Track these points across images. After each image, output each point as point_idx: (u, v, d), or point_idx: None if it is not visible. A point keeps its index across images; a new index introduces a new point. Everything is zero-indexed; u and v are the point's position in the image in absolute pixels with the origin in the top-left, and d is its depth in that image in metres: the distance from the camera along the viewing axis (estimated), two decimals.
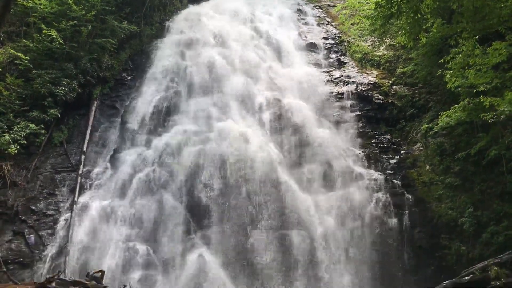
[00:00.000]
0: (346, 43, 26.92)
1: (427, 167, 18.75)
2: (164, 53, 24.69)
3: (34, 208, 17.55)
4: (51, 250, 16.63)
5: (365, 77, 23.51)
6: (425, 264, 16.55)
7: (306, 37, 27.44)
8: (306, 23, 29.23)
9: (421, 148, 19.67)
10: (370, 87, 22.68)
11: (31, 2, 21.04)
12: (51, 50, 20.57)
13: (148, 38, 25.66)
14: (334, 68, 24.95)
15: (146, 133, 20.73)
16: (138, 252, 16.59)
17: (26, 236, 16.82)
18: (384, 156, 20.08)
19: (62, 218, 17.49)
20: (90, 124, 20.79)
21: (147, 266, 16.38)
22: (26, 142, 18.30)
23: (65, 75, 20.20)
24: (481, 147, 16.20)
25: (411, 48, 20.65)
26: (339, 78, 23.89)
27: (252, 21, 27.96)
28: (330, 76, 24.16)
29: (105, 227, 17.25)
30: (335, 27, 28.90)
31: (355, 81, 23.20)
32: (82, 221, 17.37)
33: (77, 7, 21.30)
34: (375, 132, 21.13)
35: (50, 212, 17.66)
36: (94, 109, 21.42)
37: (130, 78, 23.66)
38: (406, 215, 17.69)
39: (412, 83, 22.09)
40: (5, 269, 14.60)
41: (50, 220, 17.45)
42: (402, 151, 20.07)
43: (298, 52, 26.05)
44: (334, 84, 23.52)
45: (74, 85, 20.28)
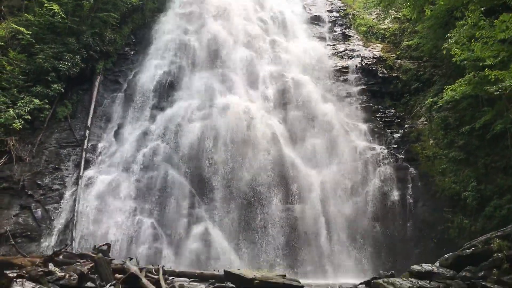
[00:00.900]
0: (350, 16, 26.62)
1: (431, 141, 18.74)
2: (166, 27, 24.51)
3: (40, 182, 17.73)
4: (58, 224, 16.90)
5: (369, 50, 23.30)
6: (427, 237, 16.71)
7: (310, 10, 27.12)
8: None
9: (425, 122, 19.60)
10: (374, 61, 22.51)
11: None
12: (53, 24, 20.40)
13: (150, 12, 25.41)
14: (338, 41, 24.71)
15: (150, 108, 20.73)
16: (144, 225, 16.83)
17: (33, 210, 17.08)
18: (388, 130, 20.08)
19: (68, 193, 17.70)
20: (94, 99, 20.79)
21: (153, 239, 16.61)
22: (30, 117, 18.34)
23: (67, 50, 20.09)
24: (485, 121, 16.14)
25: (416, 21, 20.41)
26: (344, 51, 23.70)
27: None
28: (334, 49, 23.98)
29: (110, 201, 17.43)
30: (340, 0, 28.50)
31: (360, 54, 23.02)
32: (88, 195, 17.57)
33: None
34: (380, 106, 21.06)
35: (56, 186, 17.85)
36: (97, 84, 21.38)
37: (133, 52, 23.52)
38: (409, 189, 17.81)
39: (417, 57, 21.91)
40: (13, 242, 14.82)
41: (56, 194, 17.65)
42: (406, 125, 20.04)
43: (302, 25, 25.80)
44: (339, 58, 23.35)
45: (77, 59, 20.18)
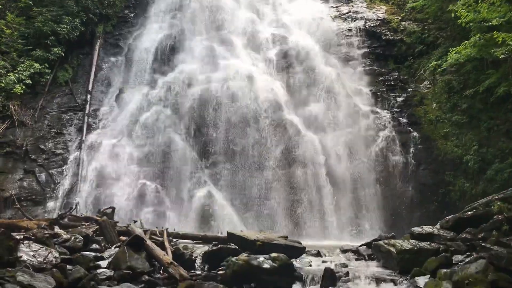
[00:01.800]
0: None
1: (434, 105, 18.63)
2: None
3: (43, 147, 17.81)
4: (62, 188, 17.08)
5: (373, 12, 22.81)
6: (428, 200, 16.85)
7: None
8: None
9: (428, 85, 19.44)
10: (378, 23, 22.05)
11: None
12: None
13: None
14: (342, 3, 24.13)
15: (151, 72, 20.53)
16: (148, 189, 16.97)
17: (37, 174, 17.25)
18: (391, 94, 19.91)
19: (72, 157, 17.81)
20: (95, 63, 20.60)
21: (157, 202, 16.78)
22: (31, 82, 18.27)
23: (66, 13, 19.78)
24: (489, 84, 15.93)
25: None
26: (347, 14, 23.19)
27: None
28: (337, 11, 23.45)
29: (114, 165, 17.55)
30: None
31: (364, 17, 22.53)
32: (91, 159, 17.68)
33: None
34: (383, 69, 20.80)
35: (59, 151, 17.94)
36: (97, 47, 21.13)
37: (132, 15, 23.09)
38: (412, 153, 17.84)
39: (421, 19, 21.45)
40: (18, 206, 15.00)
41: (59, 159, 17.76)
42: (410, 89, 19.86)
43: None
44: (342, 20, 22.88)
45: (76, 23, 19.89)
